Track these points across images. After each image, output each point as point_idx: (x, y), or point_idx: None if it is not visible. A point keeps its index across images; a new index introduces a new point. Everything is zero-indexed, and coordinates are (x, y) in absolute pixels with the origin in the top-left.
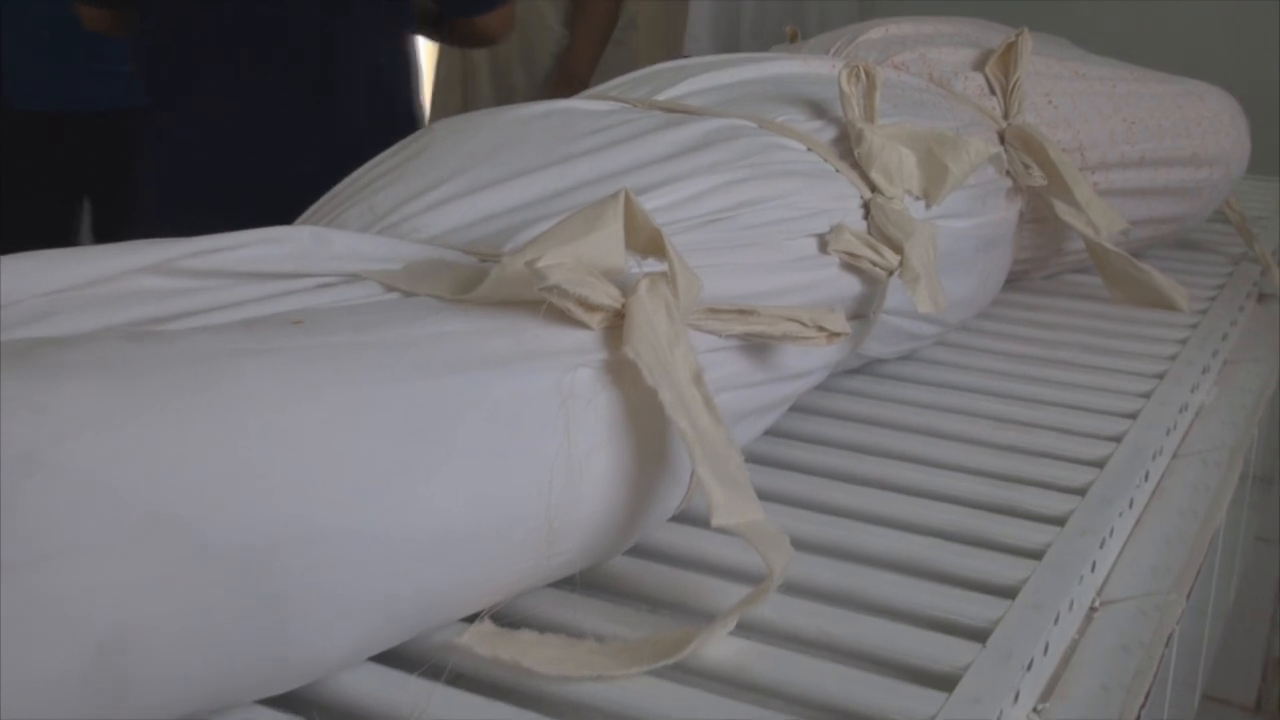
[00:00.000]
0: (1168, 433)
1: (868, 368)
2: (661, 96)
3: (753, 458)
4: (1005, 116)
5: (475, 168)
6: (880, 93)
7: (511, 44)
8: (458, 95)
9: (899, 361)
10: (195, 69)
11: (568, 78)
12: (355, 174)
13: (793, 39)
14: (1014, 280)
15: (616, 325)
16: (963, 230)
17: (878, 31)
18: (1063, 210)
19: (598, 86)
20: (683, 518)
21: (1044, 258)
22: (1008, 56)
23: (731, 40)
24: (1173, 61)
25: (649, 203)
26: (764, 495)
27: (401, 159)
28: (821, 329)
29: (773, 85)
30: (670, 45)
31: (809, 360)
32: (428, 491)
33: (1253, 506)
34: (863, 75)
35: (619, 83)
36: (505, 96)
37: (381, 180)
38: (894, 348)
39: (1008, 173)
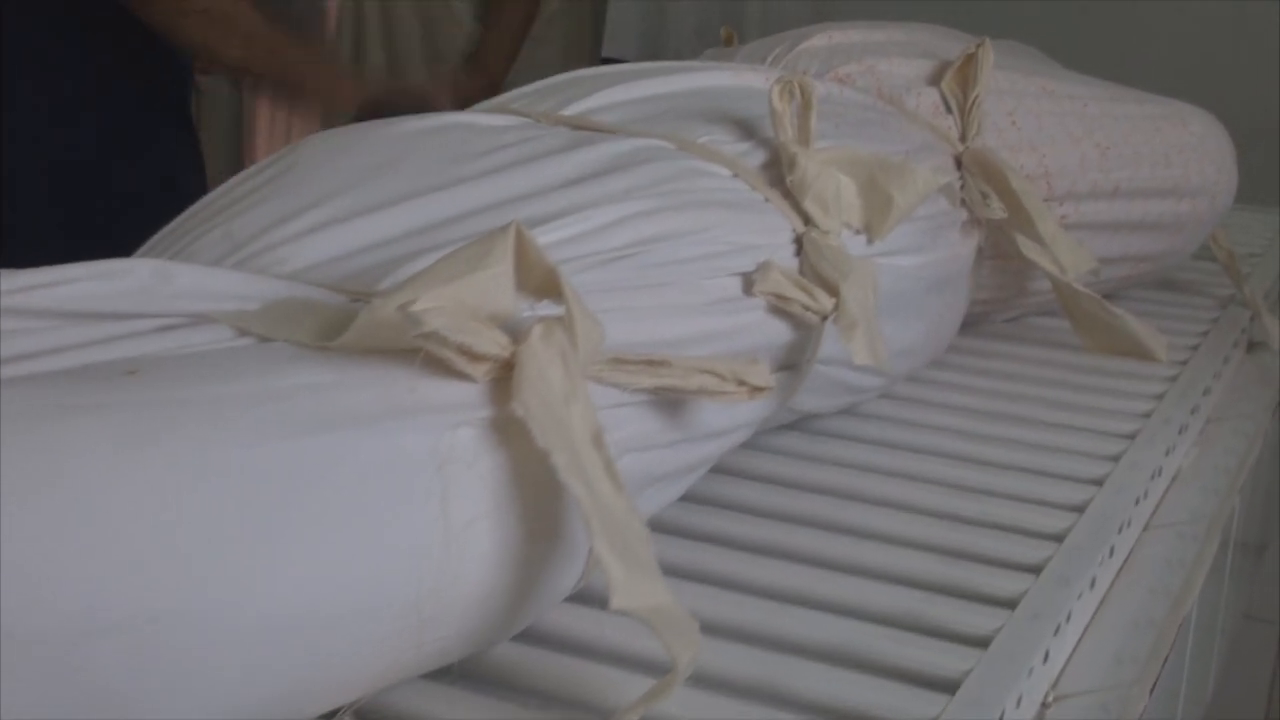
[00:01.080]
0: (1137, 501)
1: (801, 424)
2: (570, 110)
3: (662, 528)
4: (962, 138)
5: (351, 190)
6: (818, 110)
7: (413, 40)
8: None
9: (837, 417)
10: None
11: (480, 79)
12: (213, 194)
13: (727, 42)
14: (971, 324)
15: (505, 377)
16: (910, 269)
17: (822, 39)
18: (1026, 246)
19: (497, 98)
20: (579, 598)
21: (1005, 299)
22: (966, 70)
23: (659, 42)
24: (1159, 76)
25: (547, 235)
26: (674, 572)
27: (267, 177)
28: (743, 383)
29: (697, 100)
30: (589, 47)
31: (730, 417)
32: (280, 570)
33: (1237, 579)
34: (797, 91)
35: (522, 94)
36: None
37: (243, 202)
38: (831, 401)
39: (964, 203)
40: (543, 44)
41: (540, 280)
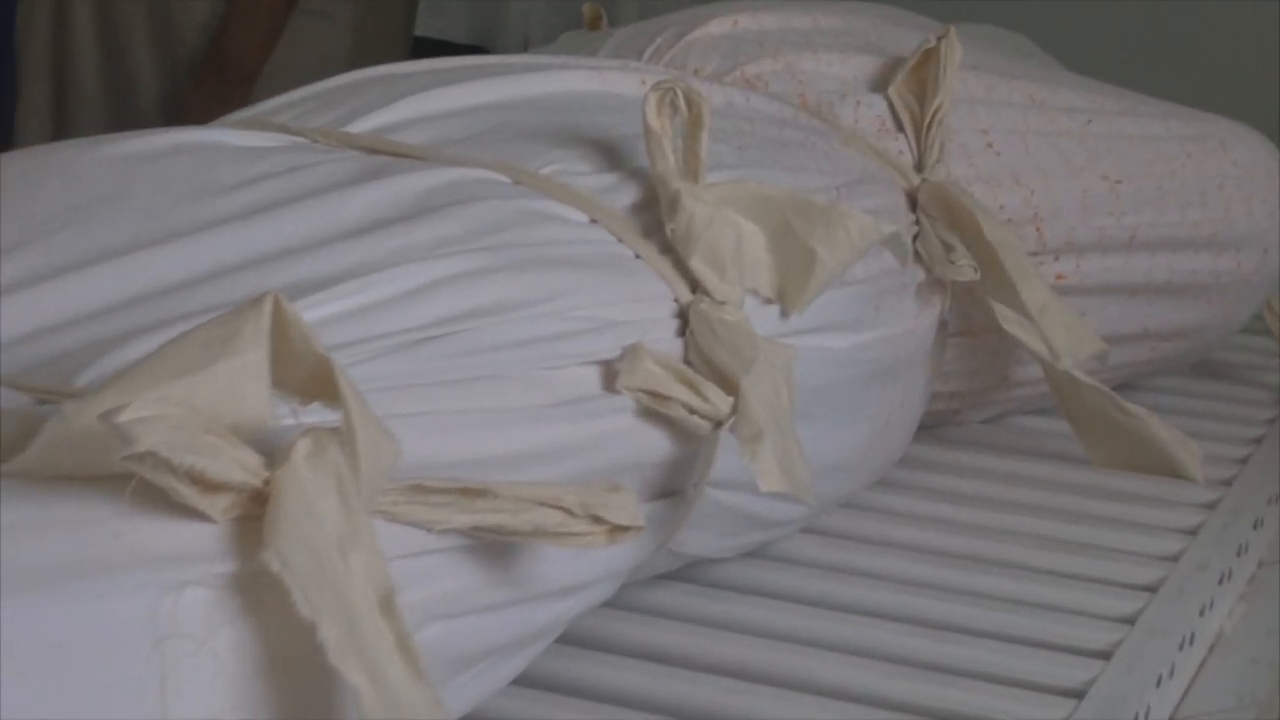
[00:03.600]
0: (1159, 682)
1: (689, 573)
2: (359, 126)
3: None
4: (918, 167)
5: (42, 240)
6: (712, 129)
7: (134, 18)
8: (43, 97)
9: (740, 561)
10: None
11: (224, 71)
12: None
13: (592, 25)
14: (933, 427)
15: (255, 515)
16: (843, 352)
17: (722, 24)
18: (1007, 319)
19: (255, 108)
20: None
21: (980, 392)
22: (924, 71)
23: (497, 20)
24: (1186, 77)
25: (321, 308)
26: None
27: None
28: (599, 520)
29: (543, 112)
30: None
31: (581, 569)
32: None
33: None
34: (681, 102)
35: (292, 101)
36: (122, 102)
37: None
38: (730, 541)
39: (919, 258)
40: (323, 18)
41: (308, 374)
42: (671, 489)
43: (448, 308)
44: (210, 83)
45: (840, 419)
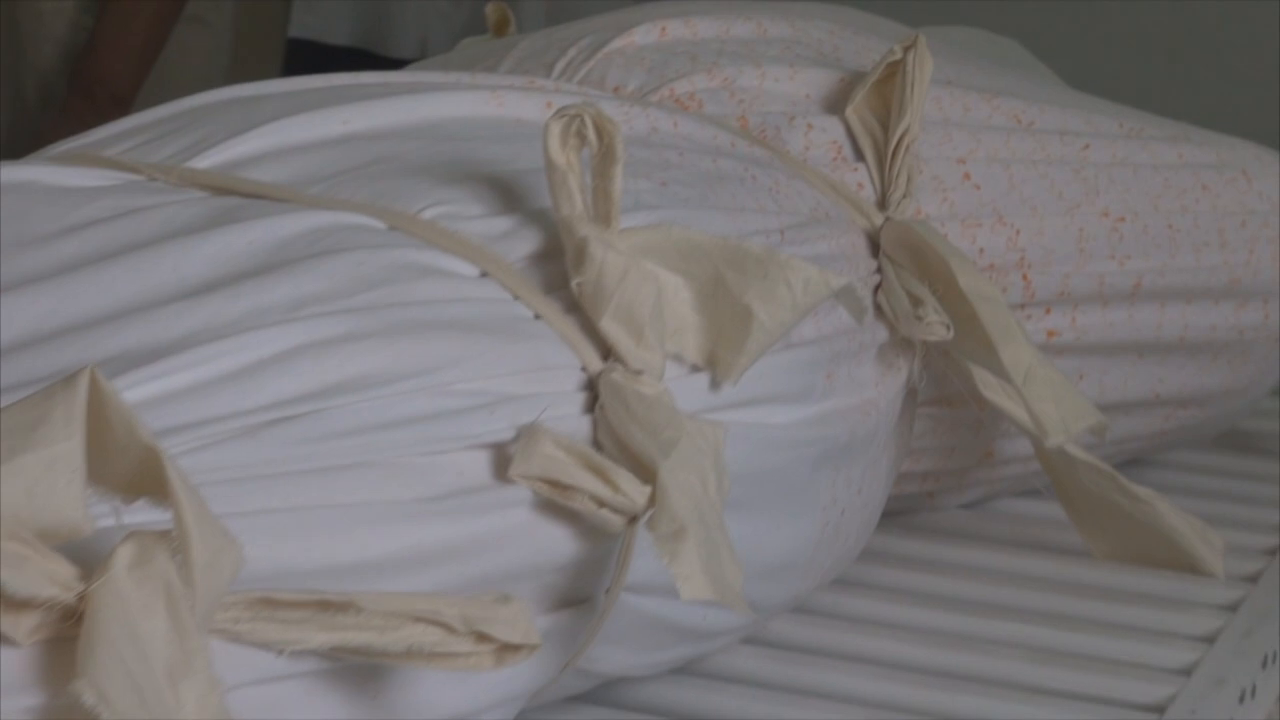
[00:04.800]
0: None
1: (605, 694)
2: (207, 160)
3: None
4: (881, 204)
5: None
6: (631, 161)
7: None
8: None
9: (667, 679)
10: None
11: (93, 94)
12: None
13: (497, 30)
14: (902, 514)
15: (68, 636)
16: (788, 429)
17: (648, 31)
18: (987, 385)
19: (82, 139)
20: None
21: (958, 471)
22: (888, 88)
23: (386, 21)
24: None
25: (151, 385)
26: None
27: None
28: (485, 637)
29: (426, 142)
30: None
31: (467, 695)
32: None
33: None
34: (590, 130)
35: (130, 128)
36: None
37: None
38: (653, 656)
39: (881, 313)
40: (200, 25)
41: (133, 467)
42: (579, 596)
43: (306, 382)
44: (76, 108)
45: (784, 510)
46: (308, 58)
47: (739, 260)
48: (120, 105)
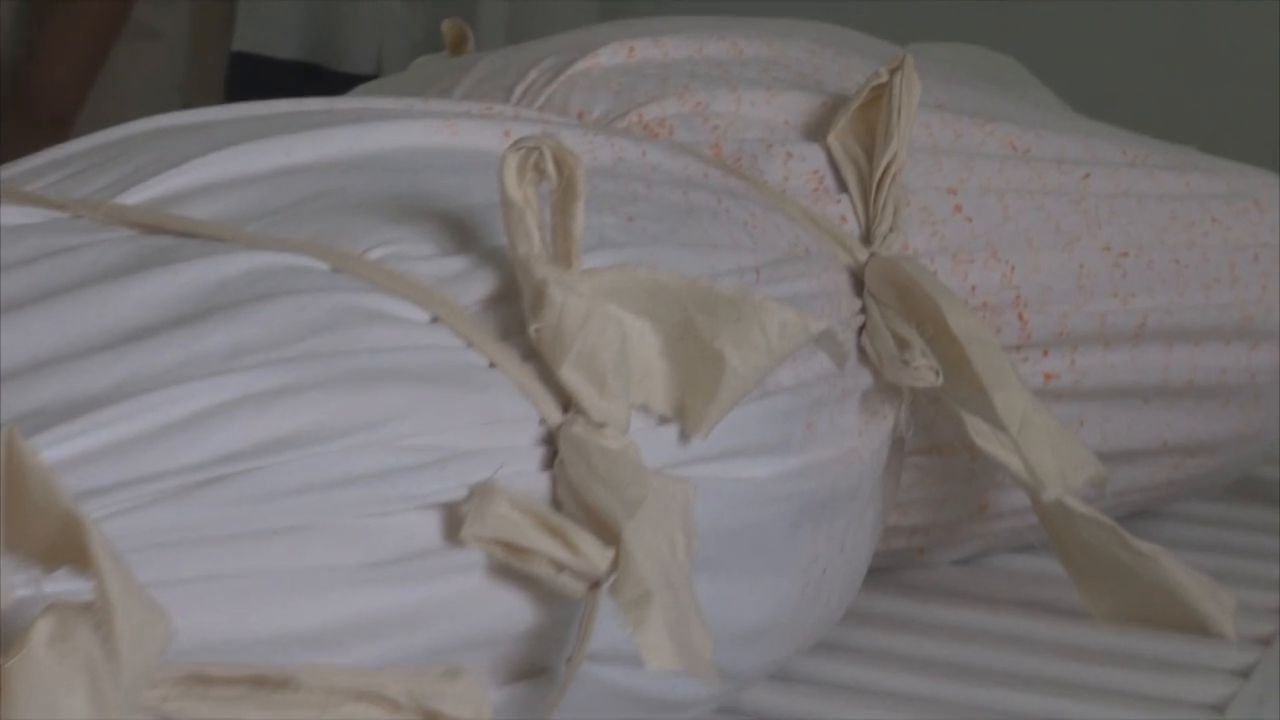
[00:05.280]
0: None
1: None
2: (137, 195)
3: None
4: (865, 238)
5: None
6: (594, 195)
7: None
8: None
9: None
10: None
11: (33, 111)
12: None
13: (454, 48)
14: (890, 571)
15: None
16: (765, 484)
17: (615, 52)
18: (980, 432)
19: (10, 167)
20: None
21: (950, 525)
22: (874, 113)
23: (336, 32)
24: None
25: (73, 443)
26: None
27: None
28: (435, 714)
29: (374, 175)
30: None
31: None
32: None
33: None
34: (549, 163)
35: (55, 160)
36: None
37: None
38: None
39: (864, 356)
40: (152, 37)
41: (52, 533)
42: (537, 667)
43: (243, 438)
44: (15, 127)
45: (760, 570)
46: (252, 73)
47: (710, 302)
48: (61, 124)
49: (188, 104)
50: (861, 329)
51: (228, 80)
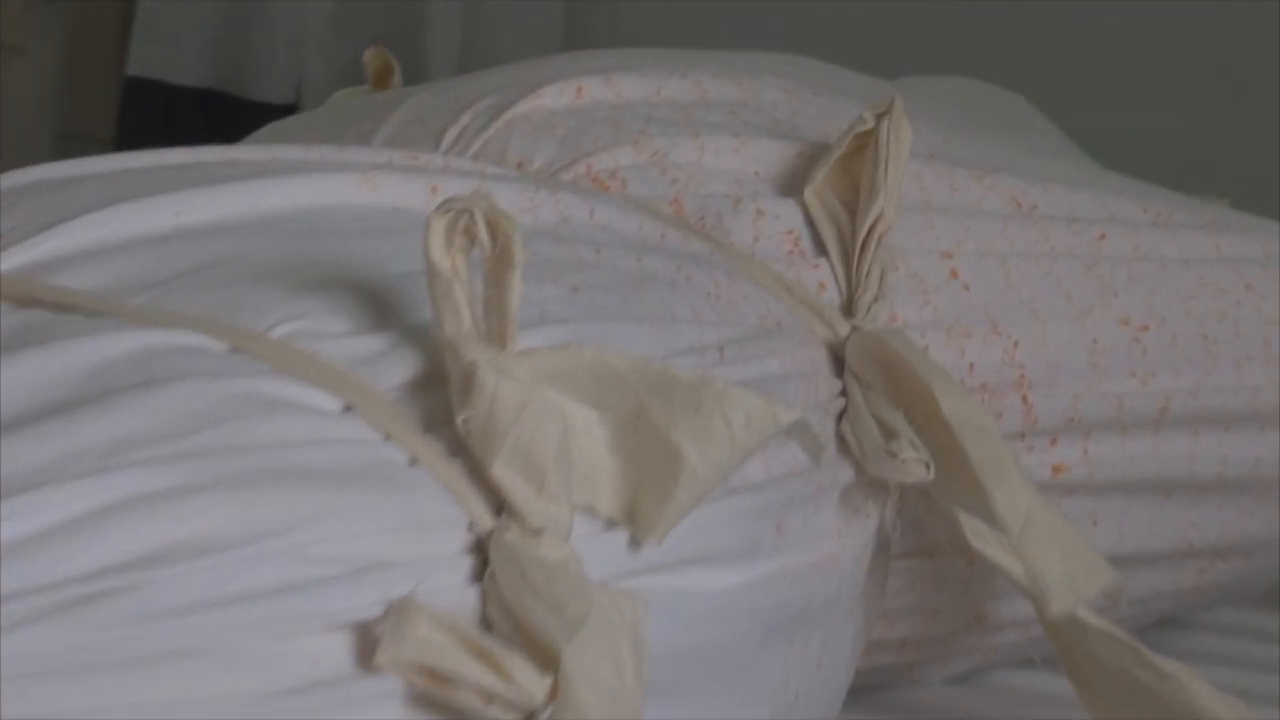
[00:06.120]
0: None
1: None
2: (10, 262)
3: None
4: (848, 310)
5: None
6: (532, 265)
7: None
8: None
9: None
10: None
11: None
12: None
13: (377, 82)
14: (873, 690)
15: None
16: (729, 596)
17: (561, 92)
18: (978, 533)
19: None
20: None
21: (943, 638)
22: (857, 164)
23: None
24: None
25: None
26: None
27: None
28: None
29: (280, 239)
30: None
31: None
32: None
33: None
34: (481, 229)
35: None
36: None
37: None
38: None
39: (844, 445)
40: (18, 55)
41: None
42: None
43: (125, 548)
44: None
45: (724, 696)
46: (151, 101)
47: (666, 389)
48: None
49: (64, 133)
50: (841, 414)
51: (121, 109)
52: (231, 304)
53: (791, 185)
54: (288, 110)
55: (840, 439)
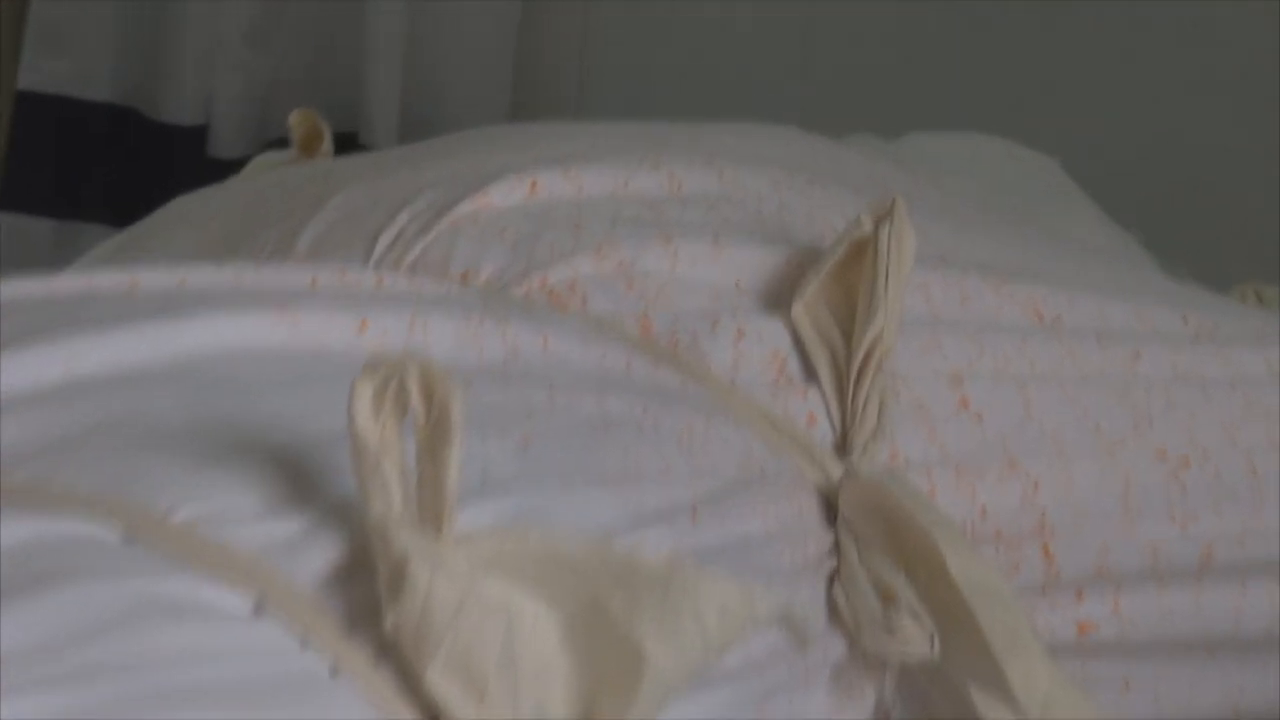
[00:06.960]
0: None
1: None
2: None
3: None
4: (842, 448)
5: None
6: (479, 422)
7: None
8: None
9: None
10: None
11: None
12: None
13: (305, 148)
14: None
15: None
16: None
17: (511, 189)
18: (992, 709)
19: None
20: None
21: None
22: (854, 273)
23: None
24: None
25: None
26: None
27: None
28: None
29: (180, 393)
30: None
31: None
32: None
33: None
34: (414, 390)
35: None
36: None
37: None
38: None
39: (835, 616)
40: None
41: None
42: None
43: None
44: None
45: None
46: (45, 121)
47: (627, 579)
48: None
49: None
50: (832, 577)
51: (12, 129)
52: (126, 479)
53: (778, 298)
54: (196, 133)
55: (832, 604)
